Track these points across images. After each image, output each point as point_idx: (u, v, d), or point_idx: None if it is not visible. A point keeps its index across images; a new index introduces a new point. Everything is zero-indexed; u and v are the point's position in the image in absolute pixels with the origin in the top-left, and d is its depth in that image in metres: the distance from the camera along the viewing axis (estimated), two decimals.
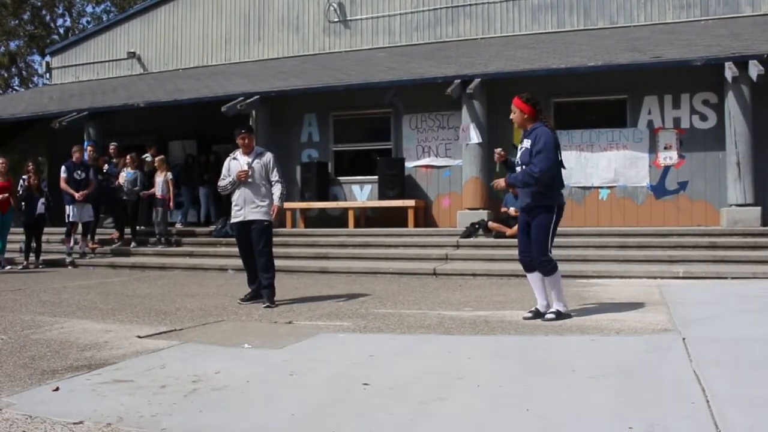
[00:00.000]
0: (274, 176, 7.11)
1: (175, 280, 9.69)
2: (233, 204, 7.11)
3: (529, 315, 5.73)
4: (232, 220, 7.21)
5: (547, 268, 5.56)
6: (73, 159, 12.39)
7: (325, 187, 13.71)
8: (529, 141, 5.58)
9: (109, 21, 22.32)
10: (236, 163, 7.13)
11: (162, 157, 13.31)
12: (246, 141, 7.09)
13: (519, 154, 5.68)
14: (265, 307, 6.74)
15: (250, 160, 7.07)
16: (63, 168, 12.30)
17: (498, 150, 6.03)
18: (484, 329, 5.32)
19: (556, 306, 5.62)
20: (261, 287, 7.04)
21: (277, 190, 7.10)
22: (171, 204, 13.04)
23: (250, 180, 6.98)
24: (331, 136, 14.19)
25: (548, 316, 5.56)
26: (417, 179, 13.37)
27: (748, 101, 10.81)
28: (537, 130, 5.57)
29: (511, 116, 5.79)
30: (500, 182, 5.83)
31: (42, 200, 12.21)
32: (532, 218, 5.60)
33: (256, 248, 7.03)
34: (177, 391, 3.59)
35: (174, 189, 13.09)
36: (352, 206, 13.26)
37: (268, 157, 7.18)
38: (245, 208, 7.01)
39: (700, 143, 11.73)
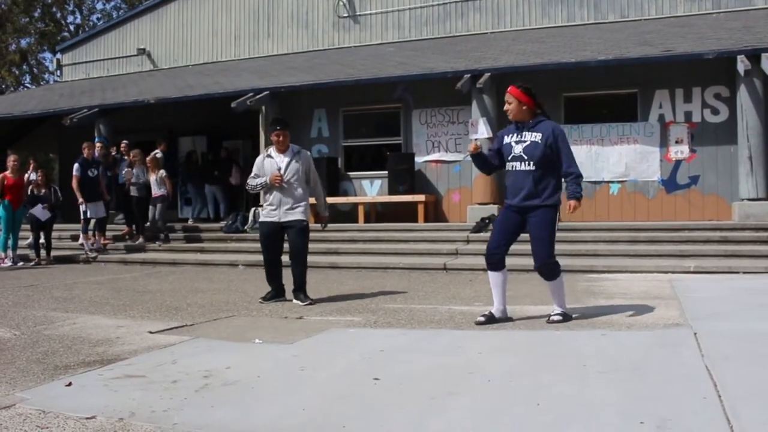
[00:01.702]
0: (314, 179, 6.81)
1: (186, 276, 9.73)
2: (266, 203, 6.74)
3: (482, 319, 5.27)
4: (263, 219, 6.81)
5: (554, 270, 5.24)
6: (84, 155, 12.38)
7: (335, 182, 13.71)
8: (538, 135, 5.20)
9: (119, 18, 22.42)
10: (271, 161, 6.68)
11: (152, 156, 13.03)
12: (281, 138, 6.61)
13: (521, 147, 5.21)
14: (305, 305, 6.46)
15: (287, 159, 6.64)
16: (76, 166, 12.19)
17: (476, 143, 5.44)
18: (494, 324, 5.31)
19: (559, 308, 5.32)
20: (296, 287, 6.68)
21: (321, 198, 6.85)
22: (170, 198, 13.05)
23: (285, 183, 6.60)
24: (341, 131, 14.19)
25: (554, 317, 5.25)
26: (427, 174, 13.35)
27: (761, 95, 10.72)
28: (545, 124, 5.26)
29: (506, 107, 5.34)
30: (574, 205, 5.23)
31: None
32: (533, 217, 5.20)
33: (294, 248, 6.71)
34: (188, 386, 3.61)
35: (171, 185, 13.05)
36: (362, 201, 13.27)
37: (306, 156, 6.80)
38: (280, 209, 6.61)
39: (712, 137, 11.65)
